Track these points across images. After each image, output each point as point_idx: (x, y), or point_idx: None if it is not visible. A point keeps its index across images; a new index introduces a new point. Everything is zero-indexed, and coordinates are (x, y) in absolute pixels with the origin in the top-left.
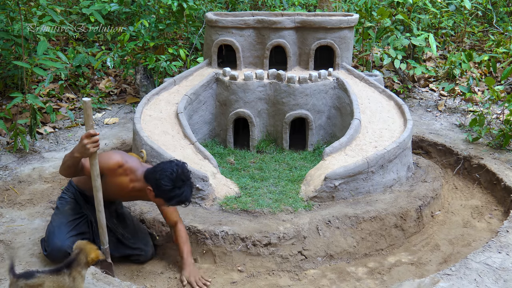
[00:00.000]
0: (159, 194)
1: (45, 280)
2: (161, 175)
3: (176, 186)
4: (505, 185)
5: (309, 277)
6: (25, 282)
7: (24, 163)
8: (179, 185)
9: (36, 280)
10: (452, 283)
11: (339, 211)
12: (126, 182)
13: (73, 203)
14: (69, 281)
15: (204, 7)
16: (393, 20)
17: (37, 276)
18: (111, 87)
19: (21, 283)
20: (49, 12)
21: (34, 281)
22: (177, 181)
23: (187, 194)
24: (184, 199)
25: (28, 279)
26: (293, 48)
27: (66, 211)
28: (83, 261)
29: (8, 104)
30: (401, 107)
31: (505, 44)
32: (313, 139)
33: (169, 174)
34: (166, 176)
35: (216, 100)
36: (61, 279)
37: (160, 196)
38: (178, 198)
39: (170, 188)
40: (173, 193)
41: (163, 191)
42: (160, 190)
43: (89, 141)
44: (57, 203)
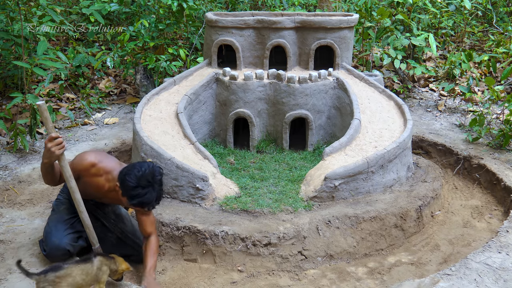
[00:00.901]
0: (124, 191)
1: (73, 270)
2: (128, 171)
3: (140, 185)
4: (505, 185)
5: (309, 277)
6: (54, 275)
7: (24, 163)
8: (144, 185)
9: (65, 271)
10: (452, 283)
11: (339, 211)
12: (102, 182)
13: (68, 204)
14: (95, 269)
15: (204, 7)
16: (393, 20)
17: (65, 267)
18: (111, 87)
19: (50, 276)
20: (49, 12)
21: (63, 272)
22: (141, 180)
23: (150, 197)
24: (146, 201)
25: (57, 271)
26: (293, 48)
27: (61, 211)
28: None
29: (8, 104)
30: (401, 107)
31: (505, 44)
32: (313, 139)
33: (136, 172)
34: (133, 173)
35: (216, 100)
36: (88, 266)
37: (124, 194)
38: (140, 199)
39: (133, 186)
40: (135, 192)
41: (127, 187)
42: (124, 187)
43: (52, 144)
44: (53, 205)
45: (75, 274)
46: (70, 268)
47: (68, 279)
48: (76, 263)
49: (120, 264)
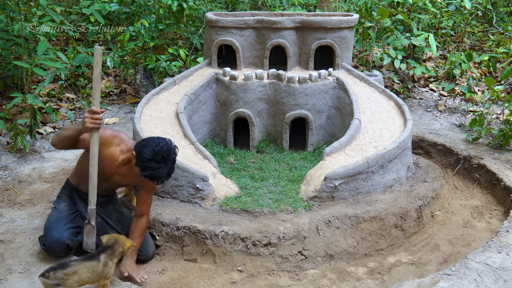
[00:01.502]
0: (138, 161)
1: (80, 267)
2: (146, 143)
3: (155, 159)
4: (505, 185)
5: (309, 277)
6: (63, 272)
7: (24, 163)
8: (158, 160)
9: (72, 268)
10: (452, 283)
11: (339, 211)
12: (116, 153)
13: (69, 201)
14: (101, 267)
15: (204, 7)
16: (393, 20)
17: (71, 264)
18: (111, 87)
19: (59, 274)
20: (49, 12)
21: (70, 270)
22: (157, 155)
23: (162, 172)
24: (158, 175)
25: (65, 269)
26: (293, 48)
27: (62, 208)
28: (118, 250)
29: (8, 104)
30: (401, 107)
31: (505, 44)
32: (313, 139)
33: (154, 146)
34: (150, 146)
35: (216, 100)
36: (94, 264)
37: (138, 164)
38: (152, 172)
39: (148, 158)
40: (149, 164)
41: (142, 158)
42: (139, 157)
43: (89, 116)
44: (54, 202)
45: (81, 272)
46: (76, 266)
47: (74, 276)
48: (82, 261)
49: (124, 244)
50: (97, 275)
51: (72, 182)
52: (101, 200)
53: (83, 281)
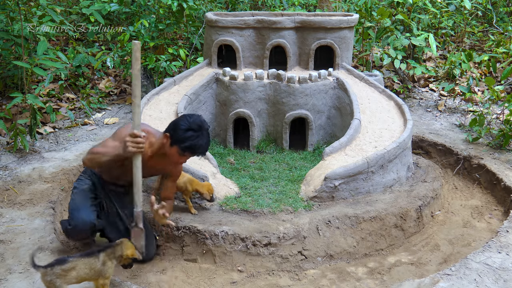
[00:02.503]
0: (175, 137)
1: (77, 263)
2: (178, 120)
3: (192, 128)
4: (505, 185)
5: (309, 277)
6: (61, 268)
7: (24, 163)
8: (195, 128)
9: (70, 264)
10: (452, 283)
11: (339, 211)
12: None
13: (90, 184)
14: (99, 265)
15: (204, 7)
16: (393, 20)
17: (70, 260)
18: (111, 87)
19: (57, 269)
20: (49, 12)
21: (68, 266)
22: (193, 124)
23: (201, 141)
24: (199, 144)
25: (63, 265)
26: (293, 48)
27: (85, 190)
28: (118, 253)
29: (8, 104)
30: (401, 107)
31: (505, 44)
32: (313, 139)
33: (188, 117)
34: (183, 119)
35: (216, 100)
36: (92, 261)
37: (175, 139)
38: (192, 142)
39: (185, 128)
40: (187, 134)
41: (179, 131)
42: (176, 132)
43: (131, 140)
44: (75, 184)
45: (79, 268)
46: (74, 262)
47: (72, 272)
48: (81, 257)
49: (125, 250)
50: (95, 273)
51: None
52: (120, 190)
53: (81, 278)
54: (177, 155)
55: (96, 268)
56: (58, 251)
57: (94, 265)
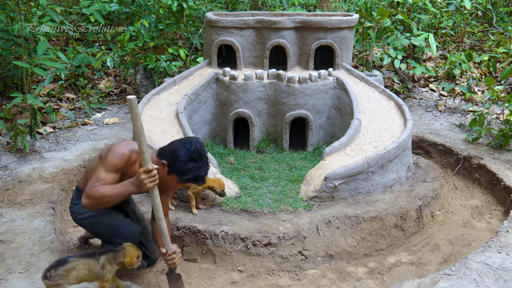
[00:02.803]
0: (174, 167)
1: (77, 263)
2: (178, 146)
3: (193, 158)
4: (505, 185)
5: (309, 277)
6: (63, 268)
7: (24, 163)
8: (196, 159)
9: (70, 264)
10: (452, 283)
11: (339, 211)
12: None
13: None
14: (99, 267)
15: (204, 7)
16: (393, 20)
17: (70, 260)
18: (111, 87)
19: (60, 271)
20: (49, 12)
21: (69, 266)
22: (194, 153)
23: (203, 170)
24: (200, 174)
25: (64, 265)
26: (293, 48)
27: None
28: (120, 259)
29: (8, 104)
30: (401, 107)
31: (505, 44)
32: (313, 139)
33: (187, 146)
34: (184, 147)
35: (216, 100)
36: (92, 263)
37: (175, 170)
38: (194, 173)
39: (186, 159)
40: (189, 166)
41: (179, 163)
42: (175, 162)
43: (147, 176)
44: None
45: (78, 268)
46: (74, 262)
47: (73, 272)
48: (81, 257)
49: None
50: (94, 274)
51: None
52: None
53: (80, 278)
54: (175, 182)
55: (95, 270)
56: (58, 251)
57: (93, 267)
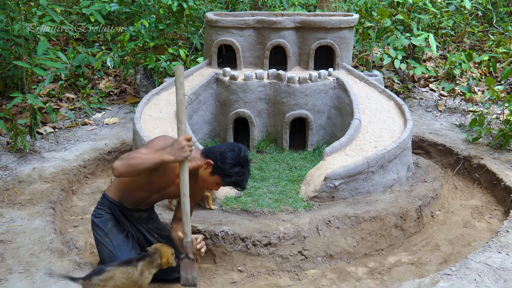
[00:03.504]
0: (220, 167)
1: (115, 273)
2: (227, 149)
3: (241, 164)
4: (505, 185)
5: (309, 277)
6: (98, 278)
7: (24, 163)
8: (244, 164)
9: (107, 274)
10: (452, 283)
11: (339, 211)
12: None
13: (113, 219)
14: (137, 274)
15: (204, 7)
16: (393, 20)
17: (107, 270)
18: (111, 87)
19: (95, 280)
20: (49, 12)
21: (106, 275)
22: (243, 159)
23: (246, 179)
24: (243, 179)
25: (100, 275)
26: (293, 48)
27: (112, 230)
28: (157, 262)
29: (8, 104)
30: (401, 107)
31: (505, 44)
32: (313, 139)
33: (236, 150)
34: (233, 151)
35: (216, 100)
36: (130, 270)
37: (220, 171)
38: (238, 177)
39: (234, 162)
40: (234, 169)
41: (226, 165)
42: (223, 163)
43: (187, 143)
44: (97, 222)
45: (117, 277)
46: (112, 271)
47: (110, 281)
48: (118, 265)
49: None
50: (132, 282)
51: (113, 198)
52: (143, 215)
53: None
54: (214, 183)
55: (134, 278)
56: (58, 251)
57: (131, 274)
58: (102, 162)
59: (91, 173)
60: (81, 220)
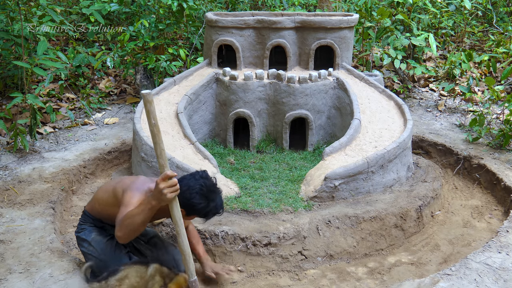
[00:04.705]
0: (193, 210)
1: (130, 271)
2: (191, 195)
3: (209, 199)
4: (505, 185)
5: (309, 277)
6: (114, 278)
7: (24, 163)
8: (212, 198)
9: (122, 273)
10: (452, 283)
11: (339, 211)
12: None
13: (96, 230)
14: (148, 275)
15: (204, 7)
16: (393, 20)
17: (121, 269)
18: (111, 87)
19: (111, 281)
20: (49, 12)
21: (121, 275)
22: (209, 195)
23: (219, 205)
24: (220, 209)
25: (116, 275)
26: (293, 48)
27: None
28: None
29: (8, 104)
30: (401, 107)
31: (505, 44)
32: (313, 139)
33: (199, 191)
34: (197, 194)
35: (216, 100)
36: (143, 269)
37: (194, 213)
38: (215, 211)
39: (204, 205)
40: (208, 209)
41: (198, 210)
42: (194, 210)
43: (166, 185)
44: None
45: (131, 276)
46: (126, 270)
47: (125, 280)
48: (133, 264)
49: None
50: (143, 283)
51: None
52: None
53: (132, 286)
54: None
55: (145, 278)
56: (58, 251)
57: (144, 274)
58: (102, 162)
59: (91, 173)
60: None
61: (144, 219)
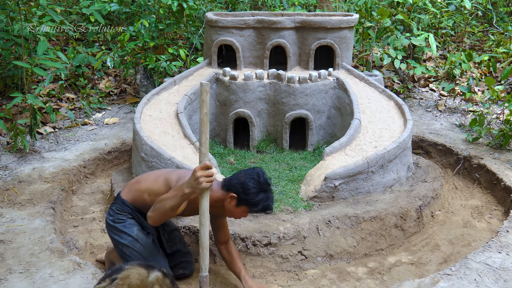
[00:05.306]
0: (245, 199)
1: (132, 271)
2: (246, 178)
3: (263, 189)
4: (505, 185)
5: (309, 277)
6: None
7: (24, 163)
8: (266, 189)
9: (125, 272)
10: (452, 283)
11: (339, 211)
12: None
13: (136, 224)
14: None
15: (204, 7)
16: (393, 20)
17: (125, 268)
18: (111, 87)
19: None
20: (49, 12)
21: (124, 273)
22: (263, 185)
23: (271, 200)
24: (269, 203)
25: (120, 273)
26: (293, 48)
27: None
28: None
29: (8, 104)
30: (401, 107)
31: (505, 44)
32: (313, 139)
33: (255, 177)
34: (253, 179)
35: (216, 100)
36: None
37: (245, 202)
38: (265, 203)
39: (257, 191)
40: (259, 197)
41: (250, 194)
42: (246, 194)
43: (204, 174)
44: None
45: (132, 277)
46: (129, 270)
47: (126, 280)
48: (137, 265)
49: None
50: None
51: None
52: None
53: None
54: (242, 213)
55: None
56: (58, 251)
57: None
58: (102, 162)
59: (91, 173)
60: (81, 220)
61: (174, 204)
